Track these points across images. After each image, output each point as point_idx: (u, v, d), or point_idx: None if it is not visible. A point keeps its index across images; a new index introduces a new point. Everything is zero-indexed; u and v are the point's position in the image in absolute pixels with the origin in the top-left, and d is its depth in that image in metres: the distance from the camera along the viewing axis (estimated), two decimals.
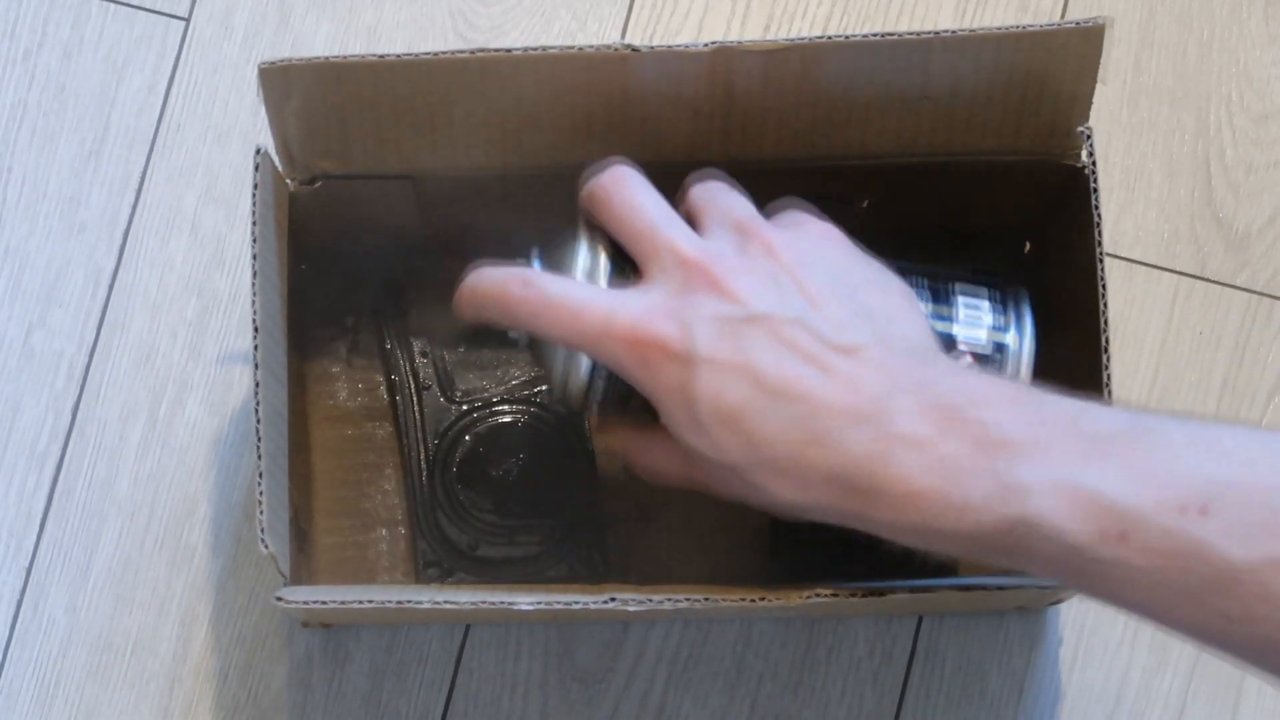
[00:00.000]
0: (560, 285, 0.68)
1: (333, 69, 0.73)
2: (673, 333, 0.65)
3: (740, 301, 0.66)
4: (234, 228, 0.88)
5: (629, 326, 0.66)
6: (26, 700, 0.83)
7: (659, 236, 0.68)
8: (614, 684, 0.84)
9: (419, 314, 0.86)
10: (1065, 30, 0.72)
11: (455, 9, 0.90)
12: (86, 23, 0.89)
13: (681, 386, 0.65)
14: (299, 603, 0.70)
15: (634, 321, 0.66)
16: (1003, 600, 0.82)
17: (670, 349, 0.65)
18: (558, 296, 0.68)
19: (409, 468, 0.84)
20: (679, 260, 0.67)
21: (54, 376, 0.86)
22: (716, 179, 0.72)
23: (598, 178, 0.71)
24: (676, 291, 0.66)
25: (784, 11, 0.90)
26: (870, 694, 0.84)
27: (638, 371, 0.66)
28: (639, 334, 0.66)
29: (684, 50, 0.72)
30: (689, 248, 0.67)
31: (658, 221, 0.69)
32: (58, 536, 0.85)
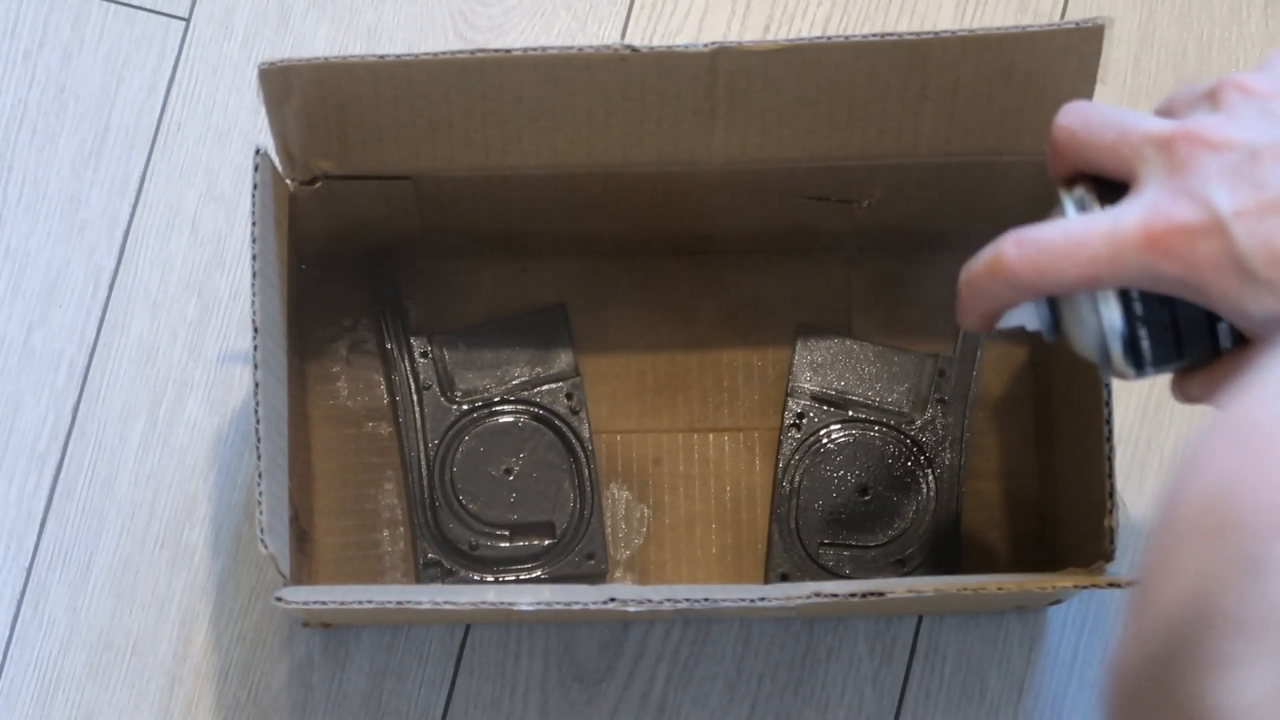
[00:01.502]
0: (1053, 226, 0.64)
1: (333, 69, 0.73)
2: (1187, 210, 0.60)
3: (1238, 145, 0.61)
4: (234, 228, 0.88)
5: (1140, 227, 0.61)
6: (26, 700, 0.83)
7: (1129, 135, 0.63)
8: (614, 684, 0.84)
9: (419, 314, 0.86)
10: (1065, 30, 0.72)
11: (455, 9, 0.90)
12: (86, 23, 0.89)
13: (1224, 256, 0.60)
14: (299, 603, 0.70)
15: (1142, 220, 0.61)
16: (1003, 600, 0.82)
17: (1192, 226, 0.60)
18: (1054, 236, 0.63)
19: (409, 468, 0.84)
20: (1159, 144, 0.62)
21: (54, 376, 0.86)
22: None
23: (1054, 126, 0.66)
24: (1170, 174, 0.61)
25: (784, 11, 0.90)
26: (870, 694, 0.84)
27: (1170, 267, 0.61)
28: (1153, 229, 0.61)
29: (684, 50, 0.72)
30: (1162, 128, 0.63)
31: (1124, 123, 0.64)
32: (58, 536, 0.85)
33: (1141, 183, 0.62)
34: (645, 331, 0.87)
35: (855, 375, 0.85)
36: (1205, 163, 0.61)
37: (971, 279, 0.65)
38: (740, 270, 0.87)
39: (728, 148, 0.77)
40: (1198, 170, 0.61)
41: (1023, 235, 0.64)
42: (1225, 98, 0.63)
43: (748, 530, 0.85)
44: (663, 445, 0.86)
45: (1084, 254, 0.62)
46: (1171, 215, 0.61)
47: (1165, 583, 0.38)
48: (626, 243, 0.86)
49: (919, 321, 0.87)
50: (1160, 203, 0.61)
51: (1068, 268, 0.62)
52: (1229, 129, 0.61)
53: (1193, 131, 0.62)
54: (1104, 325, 0.64)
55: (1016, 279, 0.64)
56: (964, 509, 0.84)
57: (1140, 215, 0.61)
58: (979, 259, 0.65)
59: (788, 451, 0.84)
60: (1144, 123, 0.64)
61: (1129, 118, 0.64)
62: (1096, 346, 0.64)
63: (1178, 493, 0.39)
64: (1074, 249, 0.62)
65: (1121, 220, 0.62)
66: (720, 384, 0.86)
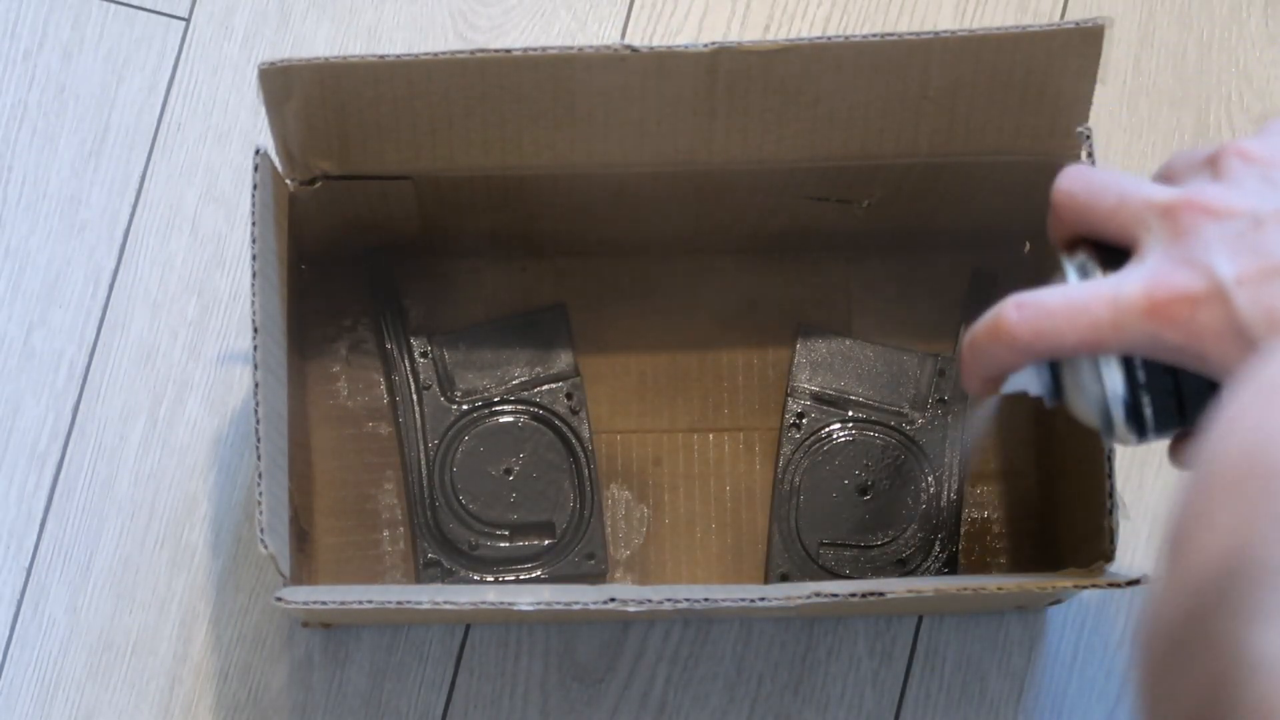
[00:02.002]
0: (1055, 290, 0.63)
1: (333, 69, 0.73)
2: (1188, 278, 0.60)
3: (1241, 213, 0.60)
4: (234, 228, 0.88)
5: (1142, 294, 0.60)
6: (26, 700, 0.83)
7: (1130, 202, 0.63)
8: (614, 684, 0.84)
9: (419, 314, 0.86)
10: (1065, 30, 0.72)
11: (455, 9, 0.90)
12: (86, 23, 0.89)
13: (1225, 324, 0.59)
14: (299, 603, 0.70)
15: (1145, 288, 0.61)
16: (1003, 600, 0.82)
17: (1194, 294, 0.60)
18: (1056, 301, 0.63)
19: (409, 468, 0.84)
20: (1160, 211, 0.62)
21: (54, 376, 0.86)
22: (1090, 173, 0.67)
23: (1054, 190, 0.66)
24: (1172, 242, 0.61)
25: (784, 11, 0.90)
26: (870, 694, 0.84)
27: (1172, 335, 0.60)
28: (1156, 297, 0.60)
29: (684, 50, 0.72)
30: (1163, 196, 0.62)
31: (1124, 189, 0.64)
32: (58, 536, 0.85)
33: (1144, 250, 0.62)
34: (645, 331, 0.87)
35: (855, 375, 0.85)
36: (1207, 231, 0.61)
37: (974, 342, 0.65)
38: (740, 270, 0.87)
39: (728, 148, 0.77)
40: (1200, 238, 0.61)
41: (1024, 299, 0.63)
42: (1227, 165, 0.62)
43: (748, 530, 0.85)
44: (663, 445, 0.86)
45: (1086, 319, 0.62)
46: (1174, 283, 0.60)
47: (1202, 536, 0.38)
48: (626, 243, 0.86)
49: (919, 321, 0.87)
50: (1162, 270, 0.61)
51: (1069, 332, 0.62)
52: (1231, 197, 0.61)
53: (1195, 200, 0.61)
54: (1106, 391, 0.63)
55: (1017, 342, 0.63)
56: (964, 509, 0.84)
57: (1143, 282, 0.61)
58: (980, 322, 0.65)
59: (788, 451, 0.84)
60: (1145, 189, 0.63)
61: (1129, 184, 0.64)
62: (1099, 412, 0.64)
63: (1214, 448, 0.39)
64: (1076, 314, 0.62)
65: (1124, 287, 0.61)
66: (720, 384, 0.86)
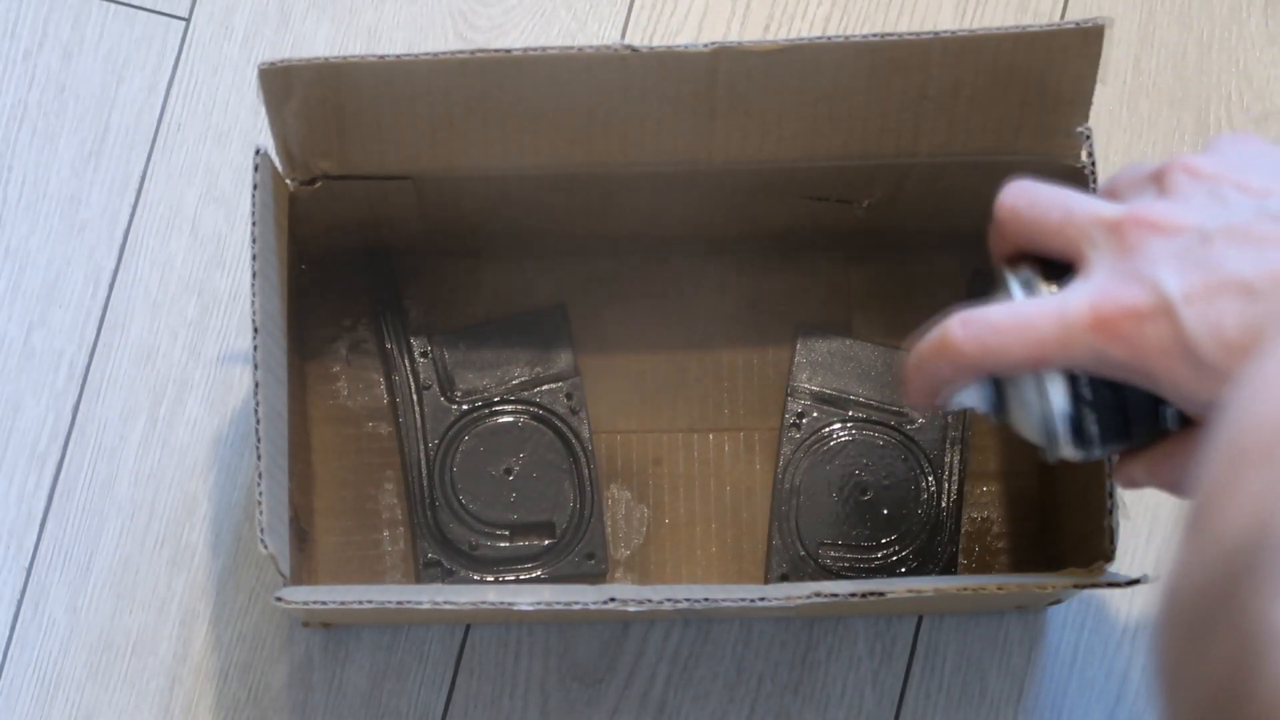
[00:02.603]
0: (1001, 307, 0.63)
1: (333, 69, 0.73)
2: (1135, 293, 0.60)
3: (1188, 229, 0.60)
4: (234, 228, 0.88)
5: (1088, 310, 0.60)
6: (26, 700, 0.83)
7: (1076, 217, 0.63)
8: (614, 684, 0.84)
9: (419, 314, 0.86)
10: (1065, 30, 0.72)
11: (455, 9, 0.90)
12: (86, 23, 0.89)
13: (1172, 341, 0.59)
14: (299, 603, 0.70)
15: (1091, 303, 0.60)
16: (1003, 600, 0.82)
17: (1140, 309, 0.60)
18: (1002, 317, 0.63)
19: (409, 468, 0.84)
20: (1107, 227, 0.62)
21: (54, 376, 0.86)
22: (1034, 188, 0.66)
23: (997, 205, 0.66)
24: (1118, 257, 0.61)
25: (784, 11, 0.90)
26: (870, 694, 0.84)
27: (1117, 351, 0.60)
28: (1101, 312, 0.60)
29: (684, 50, 0.72)
30: (1110, 212, 0.62)
31: (1069, 205, 0.64)
32: (58, 536, 0.85)
33: (1090, 266, 0.62)
34: (645, 331, 0.87)
35: (855, 375, 0.85)
36: (1154, 246, 0.60)
37: (919, 357, 0.65)
38: (740, 270, 0.87)
39: (728, 148, 0.77)
40: (1146, 254, 0.60)
41: (969, 315, 0.63)
42: (1173, 181, 0.62)
43: (748, 530, 0.85)
44: (663, 445, 0.86)
45: (1032, 335, 0.62)
46: (1120, 299, 0.60)
47: (1227, 506, 0.38)
48: (626, 243, 0.86)
49: (919, 321, 0.86)
50: (1109, 286, 0.61)
51: (1015, 348, 0.62)
52: (1177, 213, 0.61)
53: (1142, 216, 0.61)
54: (1051, 408, 0.63)
55: (963, 359, 0.63)
56: (964, 509, 0.84)
57: (1089, 298, 0.61)
58: (926, 339, 0.64)
59: (788, 451, 0.84)
60: (1091, 205, 0.63)
61: (1075, 200, 0.64)
62: (1042, 428, 0.64)
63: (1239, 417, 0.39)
64: (1022, 330, 0.62)
65: (1069, 303, 0.61)
66: (720, 384, 0.86)
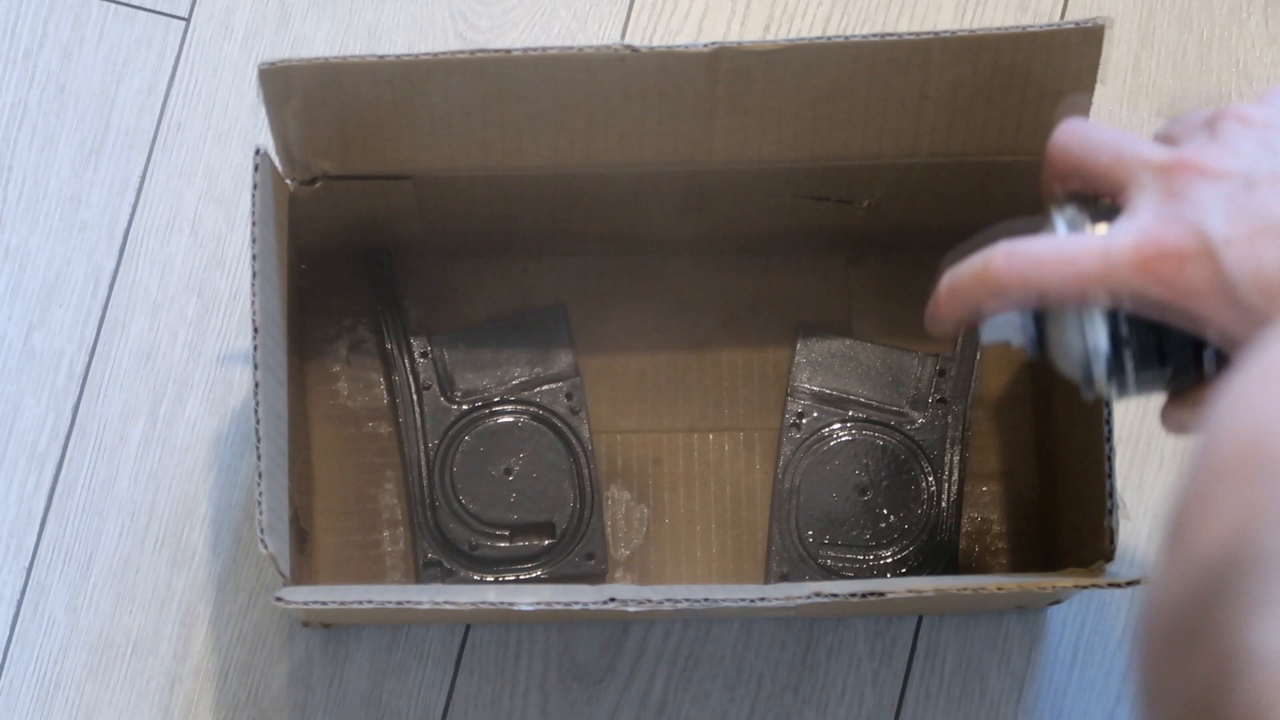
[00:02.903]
0: (1045, 240, 0.64)
1: (333, 69, 0.73)
2: (1179, 235, 0.61)
3: (1235, 174, 0.61)
4: (234, 228, 0.88)
5: (1132, 250, 0.61)
6: (26, 700, 0.83)
7: (1127, 158, 0.64)
8: (614, 684, 0.84)
9: (419, 314, 0.86)
10: (1065, 30, 0.72)
11: (455, 9, 0.90)
12: (86, 23, 0.89)
13: (1212, 283, 0.60)
14: (299, 603, 0.70)
15: (1135, 243, 0.61)
16: (1003, 600, 0.82)
17: (1184, 251, 0.61)
18: (1046, 251, 0.63)
19: (409, 468, 0.84)
20: (1155, 170, 0.63)
21: (54, 376, 0.86)
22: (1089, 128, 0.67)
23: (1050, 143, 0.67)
24: (1165, 200, 0.62)
25: (784, 11, 0.90)
26: (870, 694, 0.84)
27: (1158, 291, 0.61)
28: (1145, 252, 0.61)
29: (684, 50, 0.72)
30: (1160, 155, 0.63)
31: (1120, 146, 0.64)
32: (58, 536, 0.85)
33: (1136, 206, 0.63)
34: (645, 331, 0.87)
35: (855, 375, 0.85)
36: (1201, 191, 0.61)
37: (956, 284, 0.66)
38: (740, 270, 0.87)
39: (728, 148, 0.77)
40: (1193, 197, 0.61)
41: (1014, 247, 0.64)
42: (1224, 128, 0.63)
43: (748, 530, 0.85)
44: (663, 445, 0.86)
45: (1074, 270, 0.62)
46: (1164, 240, 0.61)
47: (1204, 523, 0.38)
48: (626, 243, 0.86)
49: (919, 321, 0.86)
50: (1153, 227, 0.61)
51: (1056, 282, 0.63)
52: (1226, 159, 0.62)
53: (1190, 160, 0.62)
54: (1089, 345, 0.64)
55: (1004, 288, 0.64)
56: (964, 509, 0.84)
57: (1133, 238, 0.62)
58: (966, 266, 0.65)
59: (788, 451, 0.84)
60: (1141, 148, 0.64)
61: (1126, 141, 0.65)
62: (1080, 365, 0.64)
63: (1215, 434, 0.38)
64: (1064, 264, 0.63)
65: (1114, 241, 0.62)
66: (720, 384, 0.86)
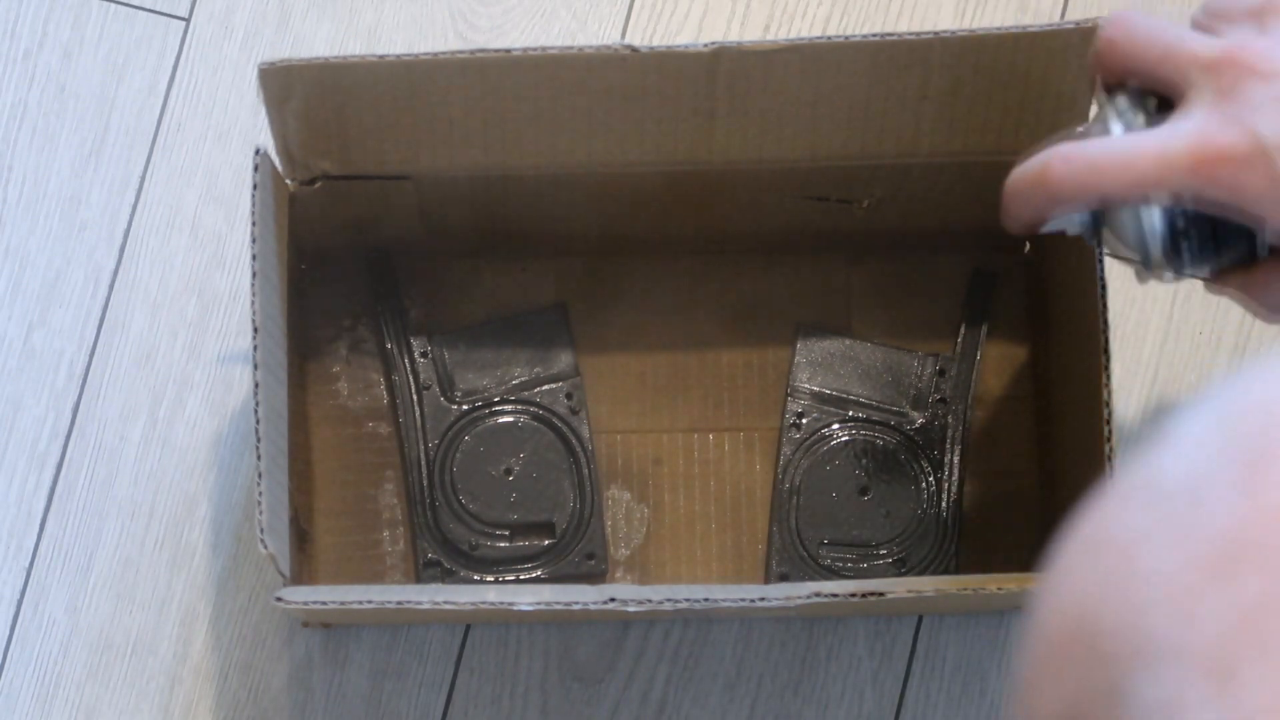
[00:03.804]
0: (1101, 143, 0.65)
1: (333, 69, 0.73)
2: (1233, 137, 0.62)
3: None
4: (234, 228, 0.88)
5: (1187, 152, 0.62)
6: (26, 700, 0.83)
7: (1177, 55, 0.64)
8: (614, 684, 0.84)
9: (419, 314, 0.86)
10: (1065, 30, 0.72)
11: (455, 9, 0.90)
12: (86, 23, 0.89)
13: (1268, 184, 0.61)
14: (299, 603, 0.70)
15: (1190, 145, 0.62)
16: (1003, 600, 0.82)
17: (1238, 154, 0.62)
18: (1102, 153, 0.64)
19: (409, 468, 0.84)
20: (1205, 67, 0.63)
21: (54, 376, 0.86)
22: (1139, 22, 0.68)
23: (1097, 36, 0.67)
24: (1217, 99, 0.63)
25: (784, 11, 0.90)
26: (870, 694, 0.84)
27: (1214, 192, 0.62)
28: (1200, 155, 0.62)
29: (684, 50, 0.72)
30: (1209, 50, 0.64)
31: (1169, 42, 0.65)
32: (58, 536, 0.85)
33: (1189, 104, 0.64)
34: (645, 331, 0.87)
35: (855, 375, 0.85)
36: (1253, 90, 0.62)
37: (1016, 187, 0.67)
38: (740, 270, 0.87)
39: (728, 148, 0.77)
40: (1245, 98, 0.62)
41: (1070, 151, 0.65)
42: (1270, 22, 0.64)
43: (748, 530, 0.85)
44: (663, 445, 0.86)
45: (1130, 174, 0.63)
46: (1219, 143, 0.62)
47: (1036, 705, 0.37)
48: (626, 243, 0.86)
49: (919, 321, 0.87)
50: (1207, 129, 0.62)
51: (1113, 186, 0.64)
52: (1277, 56, 0.62)
53: (1239, 58, 0.63)
54: (1146, 234, 0.65)
55: (1060, 192, 0.65)
56: (964, 509, 0.84)
57: (1187, 140, 0.62)
58: (1025, 168, 0.66)
59: (788, 451, 0.84)
60: (1190, 42, 0.64)
61: (1173, 35, 0.65)
62: (1138, 250, 0.66)
63: (1043, 612, 0.37)
64: (1121, 169, 0.64)
65: (1169, 144, 0.63)
66: (720, 384, 0.86)
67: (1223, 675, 0.32)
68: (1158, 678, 0.33)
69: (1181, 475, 0.35)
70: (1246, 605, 0.33)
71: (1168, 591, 0.34)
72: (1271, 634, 0.32)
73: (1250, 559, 0.33)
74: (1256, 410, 0.35)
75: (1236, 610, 0.33)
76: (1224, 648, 0.33)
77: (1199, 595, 0.33)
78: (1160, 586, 0.34)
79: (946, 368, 0.85)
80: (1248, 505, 0.34)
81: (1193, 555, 0.34)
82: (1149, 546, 0.35)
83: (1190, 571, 0.34)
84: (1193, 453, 0.35)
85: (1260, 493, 0.34)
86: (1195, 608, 0.33)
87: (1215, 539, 0.34)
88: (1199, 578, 0.34)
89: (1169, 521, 0.35)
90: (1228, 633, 0.33)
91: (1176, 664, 0.33)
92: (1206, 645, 0.33)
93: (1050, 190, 0.65)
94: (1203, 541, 0.34)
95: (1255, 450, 0.34)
